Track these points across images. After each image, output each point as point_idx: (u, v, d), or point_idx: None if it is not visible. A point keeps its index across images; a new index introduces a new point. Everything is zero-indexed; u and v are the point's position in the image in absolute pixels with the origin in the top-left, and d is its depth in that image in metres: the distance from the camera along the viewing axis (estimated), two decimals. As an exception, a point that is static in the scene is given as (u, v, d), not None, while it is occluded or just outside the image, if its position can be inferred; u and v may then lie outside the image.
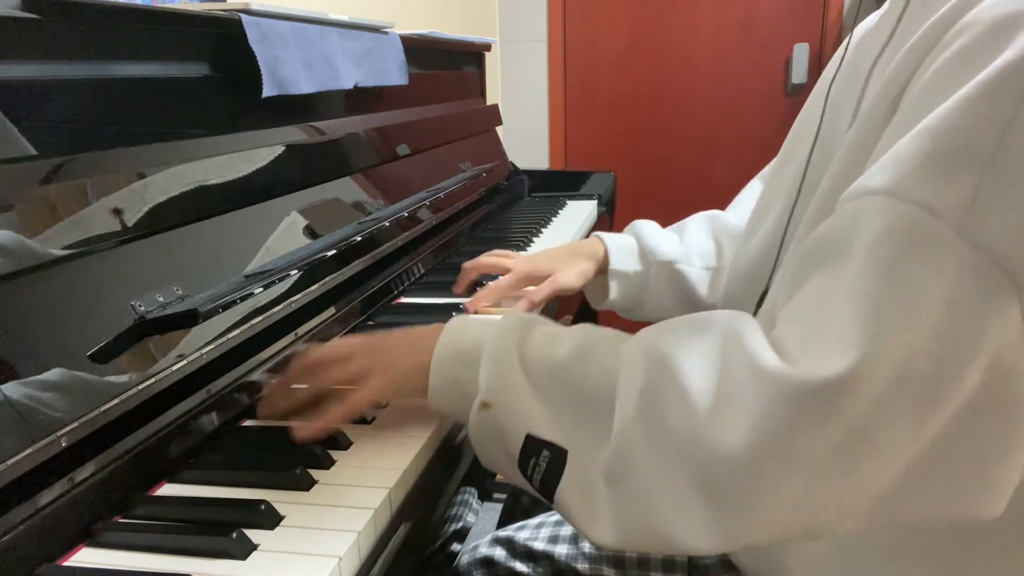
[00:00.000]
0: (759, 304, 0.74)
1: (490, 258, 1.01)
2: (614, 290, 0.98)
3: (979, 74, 0.46)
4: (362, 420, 0.70)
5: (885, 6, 0.70)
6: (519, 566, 0.81)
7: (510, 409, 0.56)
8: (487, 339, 0.59)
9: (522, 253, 1.14)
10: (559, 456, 0.53)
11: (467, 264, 1.01)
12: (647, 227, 1.00)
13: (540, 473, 0.54)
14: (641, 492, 0.50)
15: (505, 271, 0.99)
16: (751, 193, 1.01)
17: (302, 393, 0.67)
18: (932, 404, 0.44)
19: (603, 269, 0.98)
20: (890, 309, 0.44)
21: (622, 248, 0.98)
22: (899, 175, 0.47)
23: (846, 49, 0.73)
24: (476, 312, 0.96)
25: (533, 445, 0.54)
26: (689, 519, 0.48)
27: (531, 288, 0.97)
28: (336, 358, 0.66)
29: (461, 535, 0.72)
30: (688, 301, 0.97)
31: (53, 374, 0.53)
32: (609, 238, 0.99)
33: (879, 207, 0.46)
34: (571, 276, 0.96)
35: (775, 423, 0.44)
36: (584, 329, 0.59)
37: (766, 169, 1.01)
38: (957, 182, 0.45)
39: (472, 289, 1.02)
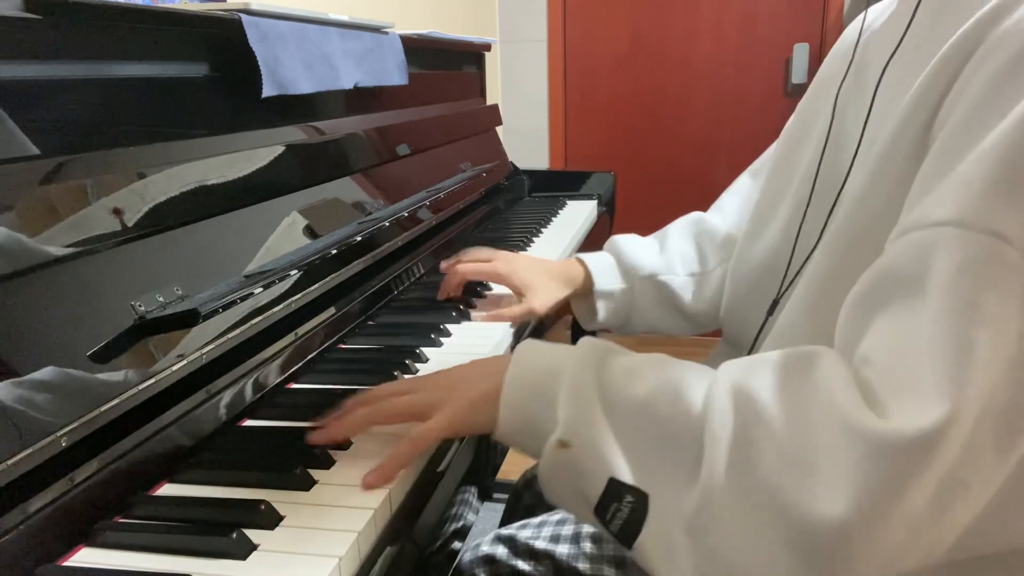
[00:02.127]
0: (770, 312, 0.73)
1: (469, 264, 0.99)
2: (602, 311, 0.97)
3: None
4: (362, 420, 0.70)
5: (887, 6, 0.70)
6: (521, 564, 0.81)
7: (592, 451, 0.52)
8: (564, 371, 0.56)
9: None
10: (642, 503, 0.50)
11: (447, 270, 0.99)
12: (626, 242, 0.99)
13: (621, 520, 0.51)
14: (728, 546, 0.47)
15: (487, 276, 0.98)
16: (739, 190, 1.00)
17: (356, 421, 0.62)
18: (1012, 434, 0.43)
19: (588, 291, 0.97)
20: (975, 349, 0.43)
21: (603, 268, 0.97)
22: (966, 204, 0.45)
23: (855, 50, 0.73)
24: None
25: (615, 490, 0.51)
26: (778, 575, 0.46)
27: (503, 308, 0.97)
28: (398, 392, 0.63)
29: (462, 534, 0.72)
30: (675, 311, 0.96)
31: (53, 374, 0.53)
32: (589, 259, 0.98)
33: (948, 239, 0.45)
34: (544, 301, 0.95)
35: (875, 483, 0.43)
36: (662, 361, 0.56)
37: (755, 165, 1.01)
38: (1022, 206, 0.44)
39: (453, 296, 1.01)
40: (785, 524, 0.45)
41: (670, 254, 0.97)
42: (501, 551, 0.83)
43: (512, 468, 1.24)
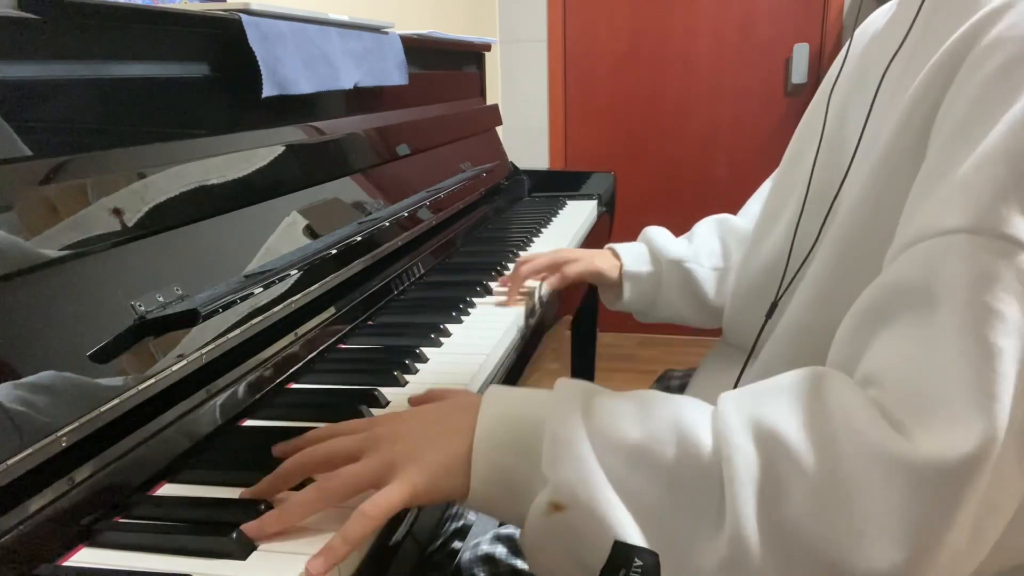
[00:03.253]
0: (768, 315, 0.73)
1: (527, 264, 1.04)
2: (628, 291, 1.01)
3: None
4: (362, 420, 0.70)
5: (890, 8, 0.70)
6: (520, 563, 0.81)
7: (592, 510, 0.45)
8: (544, 419, 0.49)
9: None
10: (653, 562, 0.44)
11: (522, 269, 1.05)
12: (658, 232, 1.03)
13: None
14: None
15: (539, 264, 1.05)
16: (762, 195, 1.02)
17: (297, 510, 0.51)
18: None
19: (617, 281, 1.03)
20: (1001, 361, 0.40)
21: (634, 252, 1.02)
22: (974, 210, 0.44)
23: (847, 53, 0.73)
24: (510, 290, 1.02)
25: (623, 553, 0.44)
26: None
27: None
28: (343, 451, 0.53)
29: (462, 533, 0.72)
30: (697, 301, 0.99)
31: (53, 374, 0.53)
32: (621, 246, 1.03)
33: (960, 246, 0.43)
34: (576, 269, 1.03)
35: (924, 519, 0.39)
36: (647, 397, 0.50)
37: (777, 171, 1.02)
38: None
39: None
40: (819, 562, 0.41)
41: (698, 246, 1.00)
42: (500, 550, 0.83)
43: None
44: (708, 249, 0.99)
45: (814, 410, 0.44)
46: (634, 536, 0.45)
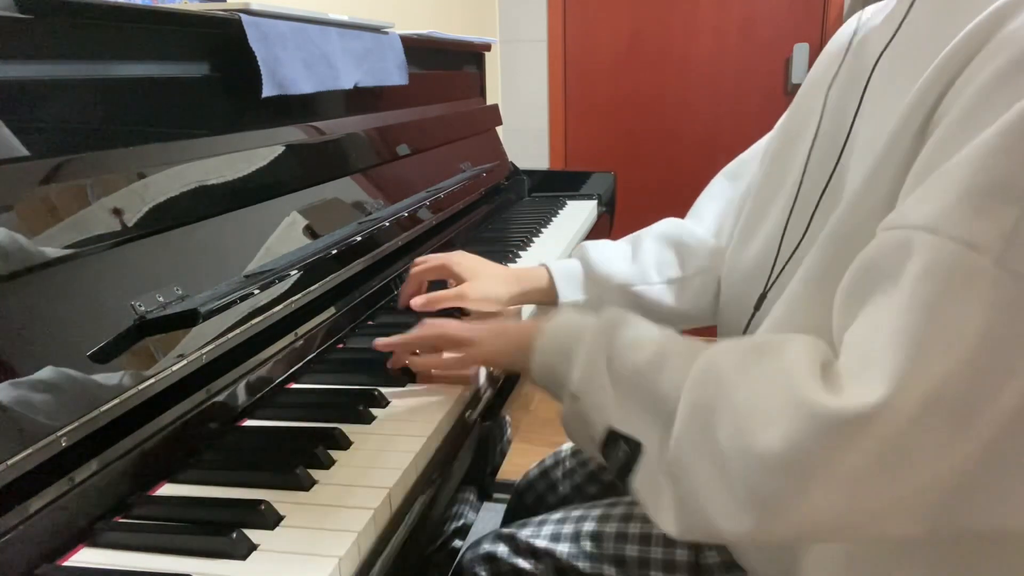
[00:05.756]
0: (756, 307, 0.74)
1: (418, 266, 0.94)
2: None
3: (1018, 102, 0.46)
4: (362, 420, 0.70)
5: (885, 6, 0.70)
6: (521, 563, 0.81)
7: (595, 404, 0.63)
8: (584, 336, 0.66)
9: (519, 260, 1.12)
10: (635, 449, 0.60)
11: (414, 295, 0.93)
12: (595, 251, 0.96)
13: (619, 462, 0.61)
14: (692, 493, 0.54)
15: (435, 269, 0.94)
16: (716, 194, 0.99)
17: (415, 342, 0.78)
18: (966, 422, 0.46)
19: (555, 299, 0.94)
20: (925, 344, 0.45)
21: (568, 277, 0.95)
22: (939, 210, 0.47)
23: (848, 49, 0.73)
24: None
25: (613, 437, 0.61)
26: (734, 521, 0.52)
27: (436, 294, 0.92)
28: (456, 329, 0.77)
29: (463, 532, 0.72)
30: (652, 318, 0.94)
31: (53, 374, 0.53)
32: (556, 267, 0.95)
33: (920, 243, 0.47)
34: (479, 290, 0.91)
35: (805, 440, 0.48)
36: (665, 337, 0.64)
37: (731, 167, 1.00)
38: (997, 215, 0.45)
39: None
40: (732, 472, 0.51)
41: (644, 262, 0.94)
42: (502, 549, 0.83)
43: (513, 468, 1.23)
44: (658, 261, 0.94)
45: (761, 359, 0.54)
46: (622, 427, 0.61)
